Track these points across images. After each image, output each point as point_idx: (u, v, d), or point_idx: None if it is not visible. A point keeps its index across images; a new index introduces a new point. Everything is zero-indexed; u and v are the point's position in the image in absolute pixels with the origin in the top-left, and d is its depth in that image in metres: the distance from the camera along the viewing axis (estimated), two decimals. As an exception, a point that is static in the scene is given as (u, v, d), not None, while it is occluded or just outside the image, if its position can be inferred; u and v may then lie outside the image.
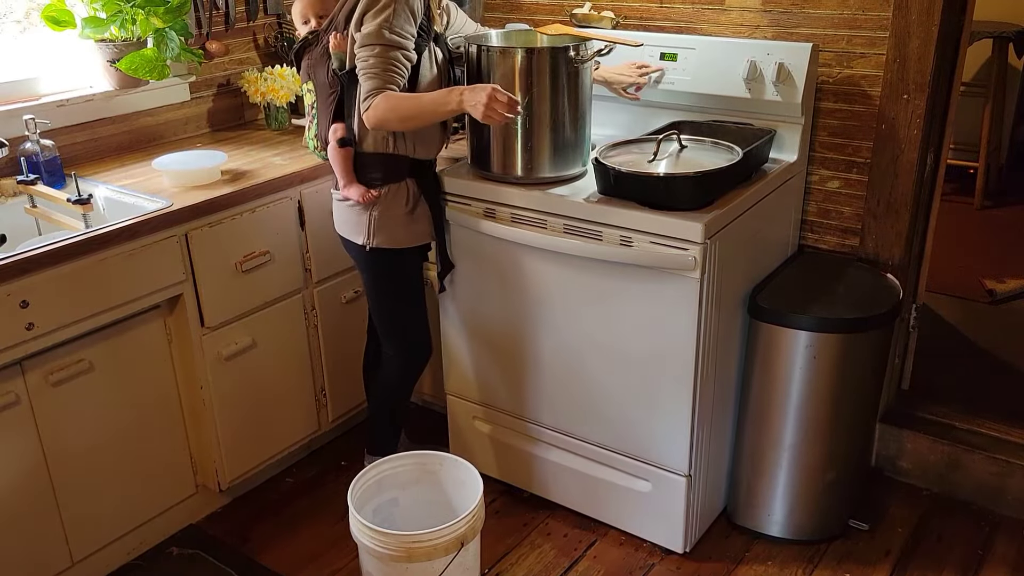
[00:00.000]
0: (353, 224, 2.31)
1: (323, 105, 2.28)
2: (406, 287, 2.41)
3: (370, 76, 2.09)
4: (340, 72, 2.21)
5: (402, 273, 2.39)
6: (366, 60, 2.10)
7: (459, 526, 2.04)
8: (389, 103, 2.09)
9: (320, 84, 2.28)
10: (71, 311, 2.10)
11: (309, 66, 2.31)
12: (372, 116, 2.10)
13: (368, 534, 2.04)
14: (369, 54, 2.09)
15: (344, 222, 2.34)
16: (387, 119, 2.11)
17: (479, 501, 2.12)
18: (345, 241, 2.37)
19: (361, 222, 2.28)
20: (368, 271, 2.39)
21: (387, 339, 2.48)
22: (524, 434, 2.55)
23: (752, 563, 2.41)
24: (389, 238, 2.29)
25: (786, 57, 2.35)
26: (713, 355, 2.21)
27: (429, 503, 2.28)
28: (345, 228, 2.34)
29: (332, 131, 2.24)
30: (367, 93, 2.10)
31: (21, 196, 2.44)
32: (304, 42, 2.35)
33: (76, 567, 2.30)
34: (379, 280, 2.39)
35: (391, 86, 2.09)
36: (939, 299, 3.54)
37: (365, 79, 2.10)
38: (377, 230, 2.28)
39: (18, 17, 2.62)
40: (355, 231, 2.31)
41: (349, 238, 2.34)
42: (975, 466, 2.57)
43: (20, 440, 2.11)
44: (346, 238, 2.36)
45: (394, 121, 2.13)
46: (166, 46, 2.60)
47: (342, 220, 2.35)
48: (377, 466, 2.26)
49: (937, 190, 2.60)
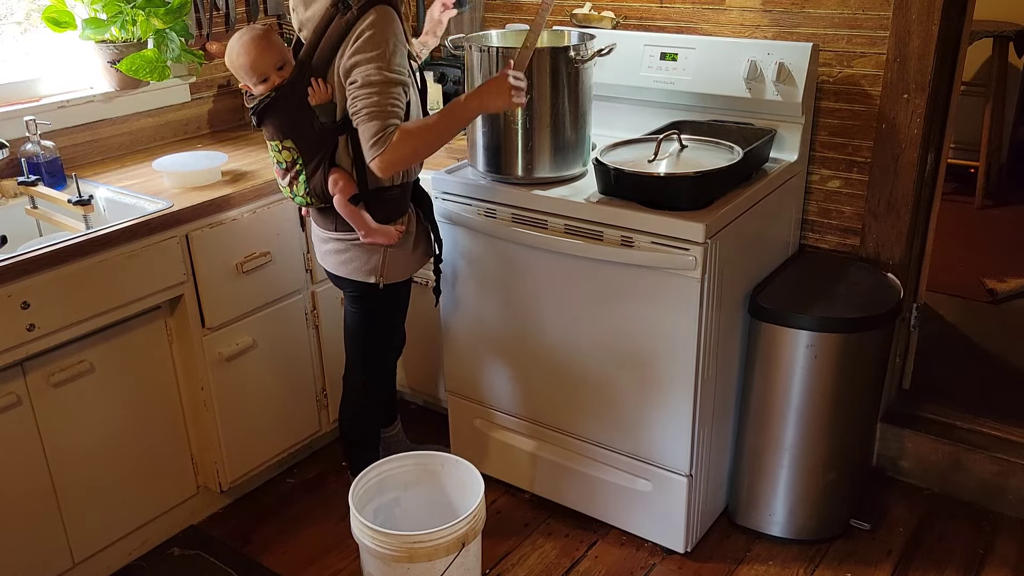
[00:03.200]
0: (361, 264, 2.17)
1: (312, 163, 2.07)
2: (400, 310, 2.36)
3: (372, 117, 1.93)
4: (332, 125, 2.03)
5: (400, 302, 2.32)
6: (369, 98, 1.93)
7: (460, 526, 2.04)
8: (406, 140, 1.95)
9: (306, 140, 2.05)
10: (72, 312, 2.10)
11: (281, 124, 2.06)
12: (389, 159, 1.95)
13: (369, 534, 2.04)
14: (372, 93, 1.93)
15: (342, 262, 2.19)
16: (407, 156, 1.97)
17: (480, 501, 2.12)
18: (346, 281, 2.23)
19: (371, 260, 2.16)
20: (375, 308, 2.27)
21: (368, 368, 2.38)
22: (525, 434, 2.55)
23: (753, 563, 2.41)
24: (401, 270, 2.21)
25: (786, 57, 2.35)
26: (714, 355, 2.20)
27: (430, 503, 2.28)
28: (348, 269, 2.19)
29: (333, 183, 2.06)
30: (373, 137, 1.94)
31: (22, 197, 2.44)
32: (268, 100, 2.04)
33: (77, 568, 2.30)
34: (384, 313, 2.29)
35: (394, 121, 1.95)
36: (940, 299, 3.54)
37: (367, 120, 1.94)
38: (390, 265, 2.18)
39: (19, 18, 2.62)
40: (363, 271, 2.18)
41: (355, 279, 2.20)
42: (976, 466, 2.57)
43: (21, 441, 2.11)
44: (350, 279, 2.21)
45: (416, 152, 2.00)
46: (166, 47, 2.61)
47: (338, 260, 2.20)
48: (379, 466, 2.25)
49: (938, 189, 2.60)
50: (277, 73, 2.04)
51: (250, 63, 2.02)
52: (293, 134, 2.05)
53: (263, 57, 2.02)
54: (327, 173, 2.07)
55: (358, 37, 1.93)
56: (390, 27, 1.94)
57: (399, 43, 1.96)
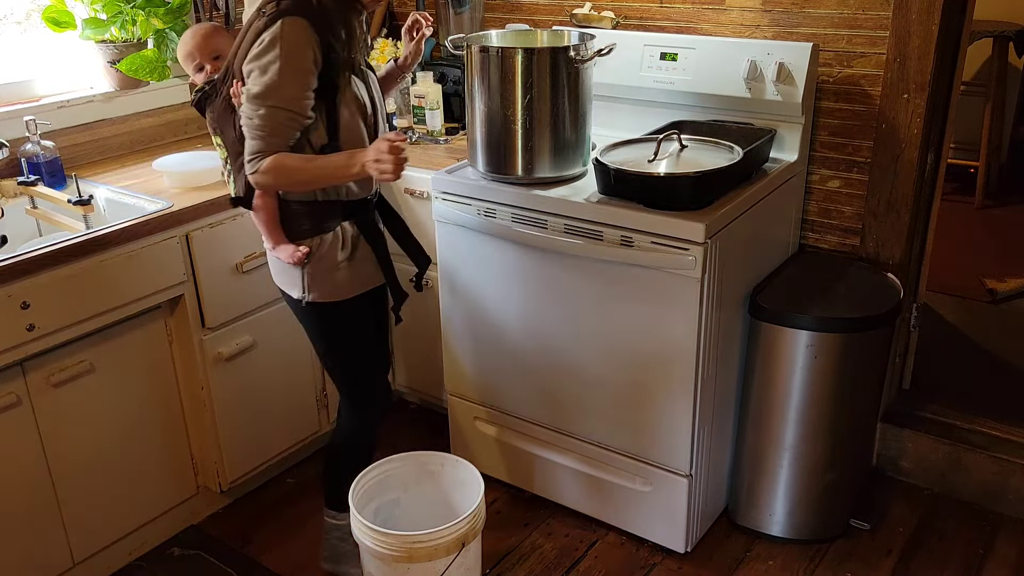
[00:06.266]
0: (288, 275, 2.06)
1: (237, 161, 1.99)
2: (355, 336, 2.15)
3: (254, 136, 1.85)
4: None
5: (348, 323, 2.12)
6: (251, 119, 1.84)
7: (460, 526, 2.04)
8: (276, 168, 1.86)
9: (230, 141, 1.99)
10: (72, 312, 2.10)
11: (213, 119, 2.03)
12: (259, 181, 1.89)
13: (369, 534, 2.04)
14: (253, 112, 1.84)
15: (278, 272, 2.10)
16: (275, 184, 1.91)
17: (480, 501, 2.11)
18: (283, 293, 2.13)
19: (295, 274, 2.03)
20: (308, 326, 2.15)
21: (340, 391, 2.25)
22: (525, 434, 2.55)
23: (753, 563, 2.41)
24: (328, 291, 2.04)
25: (786, 57, 2.35)
26: (714, 355, 2.20)
27: (430, 503, 2.27)
28: (280, 279, 2.10)
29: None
30: (251, 155, 1.87)
31: (22, 197, 2.44)
32: (202, 92, 2.05)
33: (77, 568, 2.30)
34: (324, 335, 2.14)
35: (274, 146, 1.85)
36: (940, 298, 3.54)
37: (249, 138, 1.86)
38: (312, 283, 2.03)
39: (19, 18, 2.62)
40: (290, 283, 2.06)
41: (285, 290, 2.10)
42: (976, 466, 2.57)
43: (21, 441, 2.11)
44: (283, 289, 2.12)
45: (283, 187, 1.94)
46: (166, 47, 2.61)
47: (276, 270, 2.11)
48: (379, 466, 2.24)
49: (938, 189, 2.60)
50: (212, 63, 2.08)
51: (187, 52, 2.09)
52: (221, 132, 2.02)
53: (200, 45, 2.08)
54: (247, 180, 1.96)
55: (256, 47, 1.83)
56: (291, 45, 1.81)
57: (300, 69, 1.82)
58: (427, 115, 2.78)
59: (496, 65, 2.21)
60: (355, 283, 2.07)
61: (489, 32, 2.47)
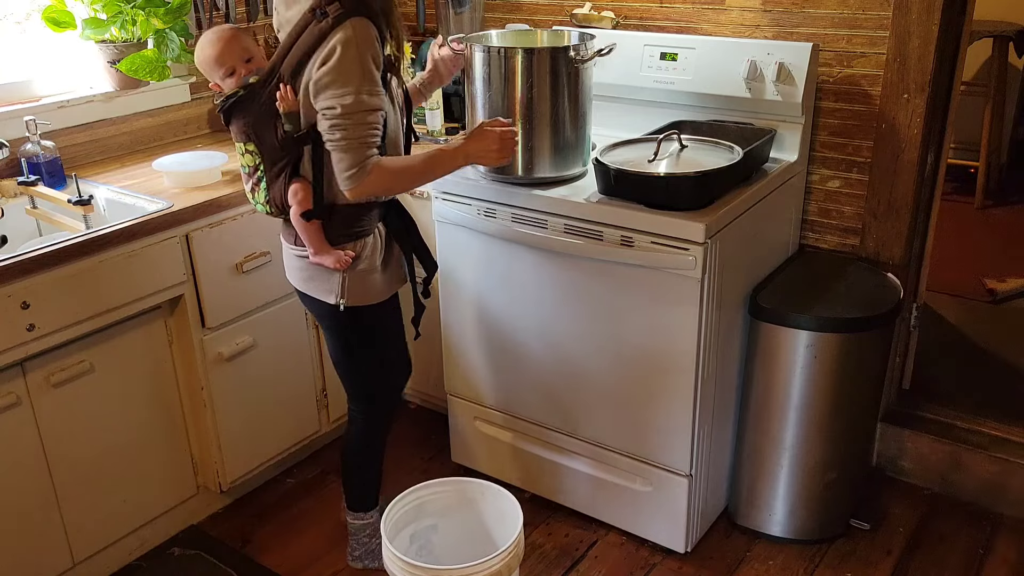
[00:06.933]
0: (319, 281, 2.04)
1: (273, 169, 1.96)
2: (384, 335, 2.17)
3: (347, 149, 1.84)
4: (297, 134, 1.90)
5: (379, 324, 2.13)
6: (344, 130, 1.83)
7: (495, 562, 1.92)
8: (383, 178, 1.89)
9: (268, 147, 1.94)
10: (72, 312, 2.10)
11: (247, 125, 1.94)
12: (361, 191, 1.89)
13: (400, 565, 1.93)
14: (344, 124, 1.83)
15: (306, 278, 2.06)
16: (379, 191, 1.94)
17: (519, 535, 1.97)
18: (305, 297, 2.10)
19: (331, 279, 2.02)
20: (339, 331, 2.13)
21: (358, 397, 2.24)
22: (525, 434, 2.55)
23: (753, 563, 2.41)
24: (364, 294, 2.05)
25: (786, 57, 2.35)
26: (714, 355, 2.20)
27: (469, 531, 2.17)
28: (308, 285, 2.07)
29: (292, 194, 1.95)
30: (349, 170, 1.86)
31: (22, 197, 2.44)
32: (235, 97, 1.95)
33: (77, 568, 2.30)
34: (353, 338, 2.13)
35: (373, 153, 1.87)
36: (940, 298, 3.54)
37: (343, 151, 1.85)
38: (351, 288, 2.02)
39: (19, 18, 2.62)
40: (323, 289, 2.04)
41: (314, 295, 2.07)
42: (976, 465, 2.57)
43: (21, 441, 2.11)
44: (309, 295, 2.09)
45: (390, 192, 1.98)
46: (166, 47, 2.61)
47: (303, 275, 2.07)
48: (417, 490, 2.11)
49: (938, 189, 2.60)
50: (244, 66, 1.95)
51: (216, 55, 1.94)
52: (257, 138, 1.94)
53: (229, 48, 1.94)
54: (288, 183, 1.95)
55: (330, 53, 1.80)
56: (364, 45, 1.81)
57: (370, 66, 1.83)
58: (427, 115, 2.78)
59: (496, 65, 2.21)
60: (390, 284, 2.12)
61: (489, 32, 2.47)
